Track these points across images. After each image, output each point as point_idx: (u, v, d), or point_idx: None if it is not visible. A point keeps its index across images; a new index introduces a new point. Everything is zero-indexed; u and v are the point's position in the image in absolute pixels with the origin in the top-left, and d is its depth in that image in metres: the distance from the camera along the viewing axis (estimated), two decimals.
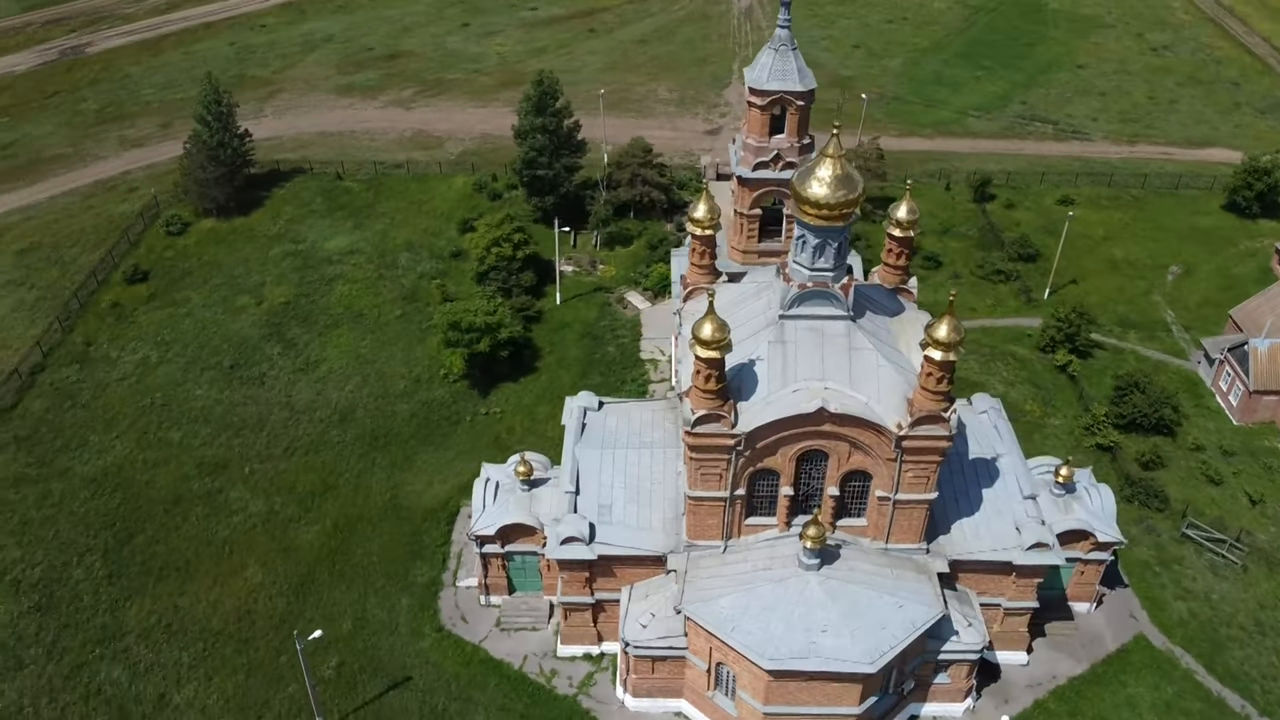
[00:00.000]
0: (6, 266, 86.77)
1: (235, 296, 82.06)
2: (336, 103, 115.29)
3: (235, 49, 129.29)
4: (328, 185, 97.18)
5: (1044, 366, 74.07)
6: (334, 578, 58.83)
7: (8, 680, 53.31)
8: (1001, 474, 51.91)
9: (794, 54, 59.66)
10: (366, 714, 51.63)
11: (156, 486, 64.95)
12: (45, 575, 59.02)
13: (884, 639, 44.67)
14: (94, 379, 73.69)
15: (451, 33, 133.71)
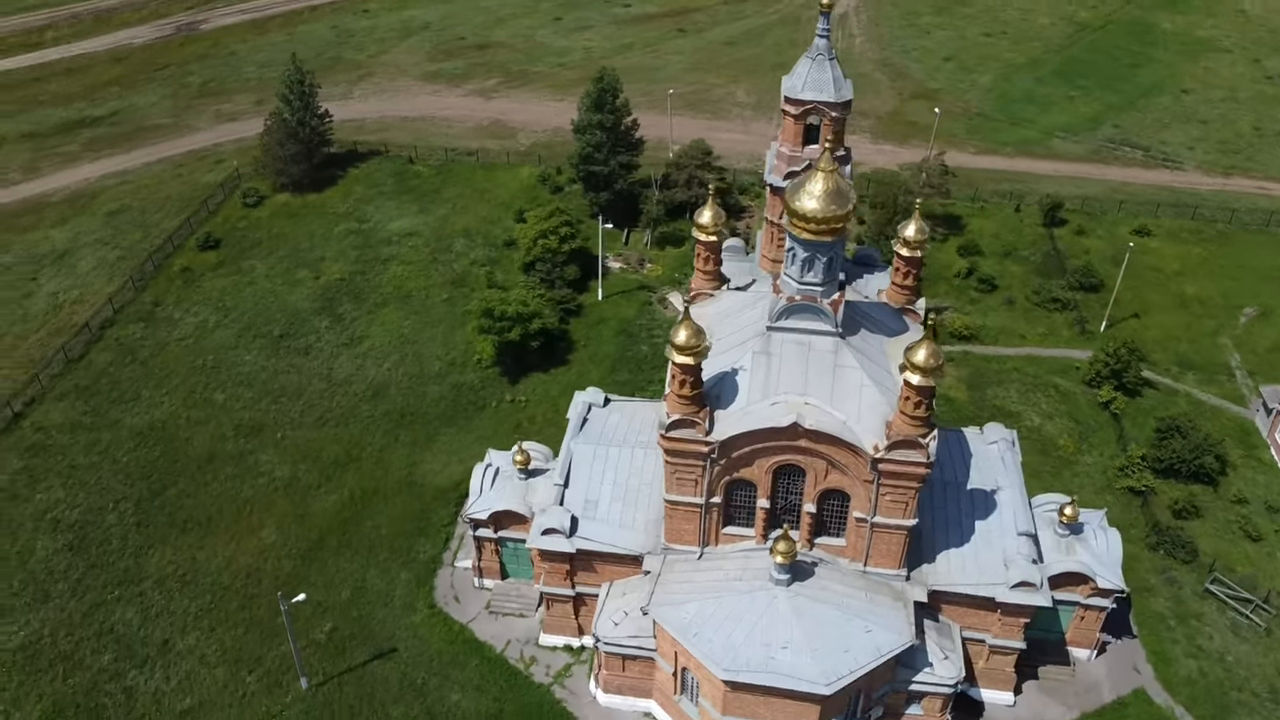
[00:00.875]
0: (96, 226, 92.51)
1: (295, 269, 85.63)
2: (422, 89, 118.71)
3: (335, 32, 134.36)
4: (399, 168, 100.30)
5: (1087, 401, 71.21)
6: (341, 546, 61.05)
7: (33, 611, 57.22)
8: (998, 507, 50.32)
9: (831, 64, 58.68)
10: (349, 679, 53.53)
11: (194, 444, 68.49)
12: (82, 517, 62.99)
13: (844, 662, 43.98)
14: (155, 338, 78.03)
15: (543, 26, 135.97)
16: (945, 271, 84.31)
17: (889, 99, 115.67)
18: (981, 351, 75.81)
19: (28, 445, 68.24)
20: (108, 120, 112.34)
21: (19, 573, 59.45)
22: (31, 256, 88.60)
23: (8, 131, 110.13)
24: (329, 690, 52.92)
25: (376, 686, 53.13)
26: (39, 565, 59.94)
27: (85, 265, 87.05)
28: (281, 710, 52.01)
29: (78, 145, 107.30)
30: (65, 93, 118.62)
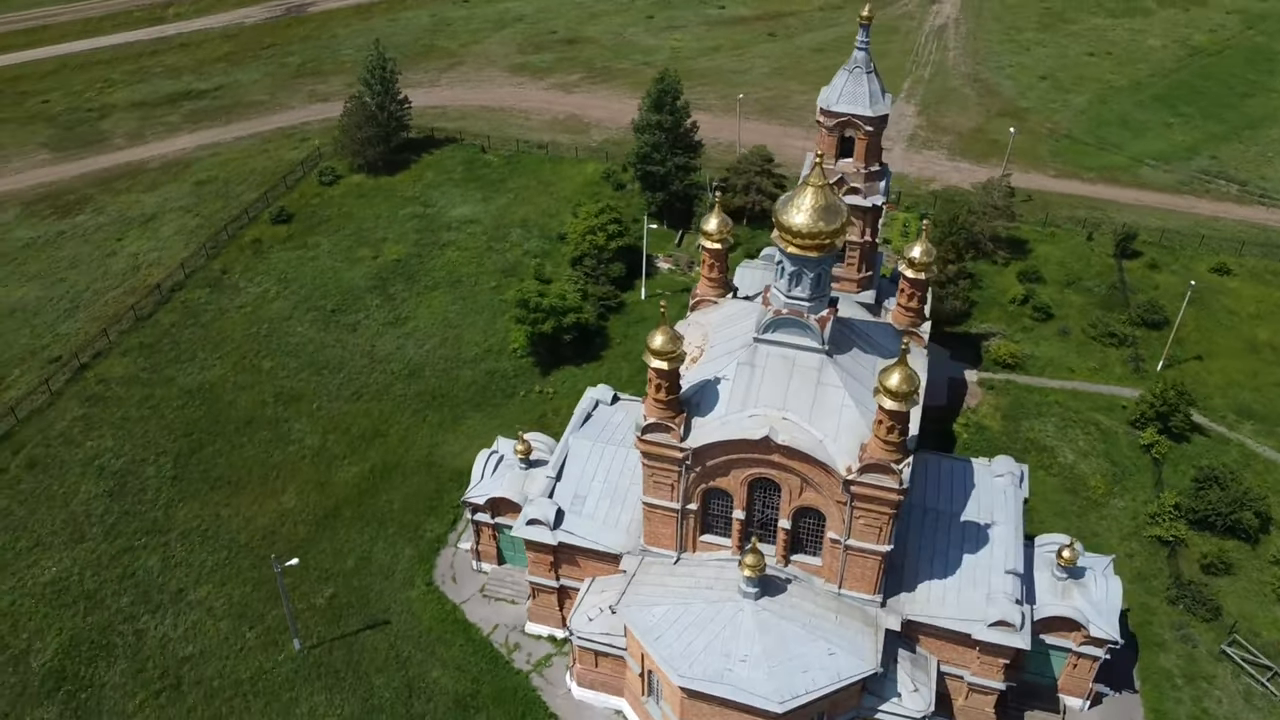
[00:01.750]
0: (183, 194, 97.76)
1: (357, 248, 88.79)
2: (506, 80, 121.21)
3: (434, 20, 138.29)
4: (471, 156, 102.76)
5: (1128, 442, 68.13)
6: (355, 517, 63.27)
7: (67, 550, 61.20)
8: (989, 542, 48.85)
9: (869, 77, 58.10)
10: (340, 645, 55.55)
11: (237, 407, 71.91)
12: (125, 466, 66.94)
13: (801, 682, 43.50)
14: (218, 304, 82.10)
15: (634, 24, 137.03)
16: (1000, 297, 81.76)
17: (974, 116, 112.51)
18: (1024, 381, 73.31)
19: (89, 395, 72.83)
20: (211, 94, 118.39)
21: (61, 513, 63.64)
22: (122, 218, 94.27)
23: (121, 100, 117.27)
24: (319, 653, 55.06)
25: (364, 655, 55.03)
26: (79, 507, 64.04)
27: (167, 230, 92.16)
28: (273, 667, 54.37)
29: (179, 116, 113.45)
30: (177, 66, 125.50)
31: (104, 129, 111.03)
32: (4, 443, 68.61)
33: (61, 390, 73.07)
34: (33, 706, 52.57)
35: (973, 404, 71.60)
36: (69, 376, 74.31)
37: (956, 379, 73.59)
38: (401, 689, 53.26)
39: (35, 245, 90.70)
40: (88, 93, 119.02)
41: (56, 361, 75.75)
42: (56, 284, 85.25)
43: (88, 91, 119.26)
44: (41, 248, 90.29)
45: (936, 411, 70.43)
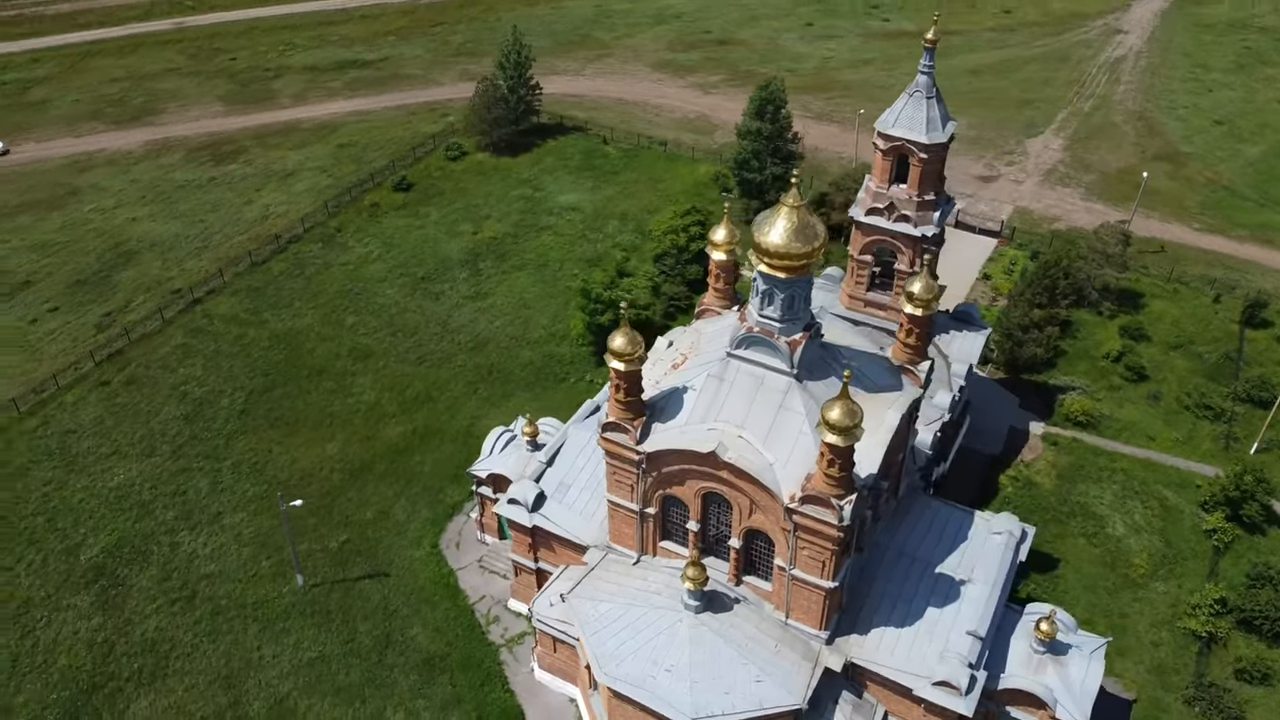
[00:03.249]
0: (323, 155, 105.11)
1: (461, 222, 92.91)
2: (648, 75, 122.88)
3: (596, 10, 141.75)
4: (592, 147, 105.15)
5: (1191, 525, 62.47)
6: (386, 472, 66.79)
7: (137, 461, 67.79)
8: (959, 599, 46.39)
9: (929, 103, 56.20)
10: (338, 588, 59.05)
11: (313, 355, 77.15)
12: (204, 395, 73.30)
13: (720, 703, 42.98)
14: (325, 259, 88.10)
15: (791, 30, 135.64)
16: (1094, 350, 76.43)
17: (1126, 155, 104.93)
18: (1093, 442, 68.41)
19: (193, 327, 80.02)
20: (374, 65, 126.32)
21: (142, 428, 70.48)
22: (266, 171, 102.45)
23: (294, 63, 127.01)
24: (319, 593, 58.78)
25: (357, 601, 58.31)
26: (158, 425, 70.72)
27: (300, 186, 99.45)
28: (276, 598, 58.51)
29: (341, 83, 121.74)
30: (351, 36, 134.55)
31: (274, 88, 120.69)
32: (114, 359, 76.57)
33: (172, 320, 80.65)
34: (71, 593, 58.87)
35: (1029, 458, 67.54)
36: (181, 308, 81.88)
37: (1019, 429, 69.58)
38: (380, 638, 56.17)
39: (188, 187, 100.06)
40: (270, 54, 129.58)
41: (176, 293, 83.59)
42: (195, 224, 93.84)
43: (270, 53, 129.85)
44: (193, 190, 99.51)
45: (986, 459, 67.15)
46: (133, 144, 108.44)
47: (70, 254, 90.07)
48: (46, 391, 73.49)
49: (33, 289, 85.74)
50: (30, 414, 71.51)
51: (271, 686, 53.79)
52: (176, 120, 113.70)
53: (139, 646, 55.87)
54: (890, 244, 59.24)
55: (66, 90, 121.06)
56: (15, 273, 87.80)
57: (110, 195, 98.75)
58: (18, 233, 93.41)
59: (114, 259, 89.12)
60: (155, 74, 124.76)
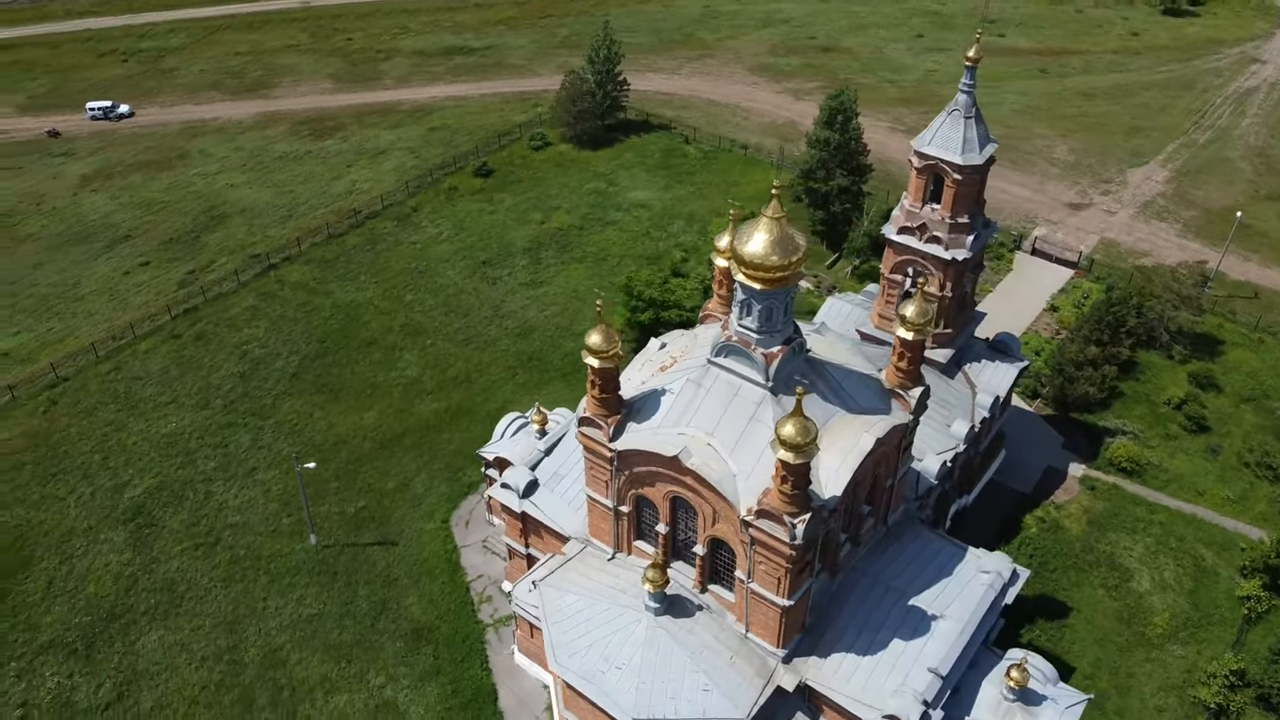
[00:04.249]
0: (414, 137, 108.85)
1: (531, 211, 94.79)
2: (744, 78, 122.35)
3: (705, 11, 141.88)
4: (673, 145, 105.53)
5: (1226, 589, 58.60)
6: (413, 446, 69.04)
7: (190, 412, 72.08)
8: (928, 634, 44.95)
9: (968, 123, 54.61)
10: (347, 551, 61.48)
11: (368, 328, 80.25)
12: (261, 355, 77.23)
13: (663, 707, 42.96)
14: (395, 236, 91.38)
15: (899, 40, 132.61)
16: (1156, 394, 72.39)
17: (1236, 193, 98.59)
18: (1134, 491, 64.90)
19: (264, 291, 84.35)
20: (479, 52, 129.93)
21: (201, 381, 74.85)
22: (358, 149, 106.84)
23: (405, 46, 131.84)
24: (328, 554, 61.35)
25: (362, 566, 60.60)
26: (215, 380, 74.95)
27: (388, 165, 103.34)
28: (289, 554, 61.38)
29: (445, 68, 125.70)
30: (463, 23, 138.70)
31: (381, 70, 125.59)
32: (188, 314, 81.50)
33: (247, 282, 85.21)
34: (109, 528, 63.18)
35: (1062, 499, 64.62)
36: (257, 272, 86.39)
37: (1057, 469, 66.61)
38: (377, 604, 58.27)
39: (286, 159, 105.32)
40: (384, 36, 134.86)
41: (255, 258, 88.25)
42: (285, 194, 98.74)
43: (384, 35, 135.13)
44: (289, 162, 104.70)
45: (1015, 496, 64.65)
46: (244, 114, 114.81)
47: (170, 213, 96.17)
48: (124, 339, 78.86)
49: (131, 243, 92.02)
50: (106, 359, 76.89)
51: (269, 636, 56.57)
52: (288, 95, 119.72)
53: (159, 584, 59.61)
54: (921, 265, 57.64)
55: (195, 60, 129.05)
56: (119, 227, 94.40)
57: (215, 161, 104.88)
58: (129, 190, 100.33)
59: (206, 221, 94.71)
60: (276, 50, 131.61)
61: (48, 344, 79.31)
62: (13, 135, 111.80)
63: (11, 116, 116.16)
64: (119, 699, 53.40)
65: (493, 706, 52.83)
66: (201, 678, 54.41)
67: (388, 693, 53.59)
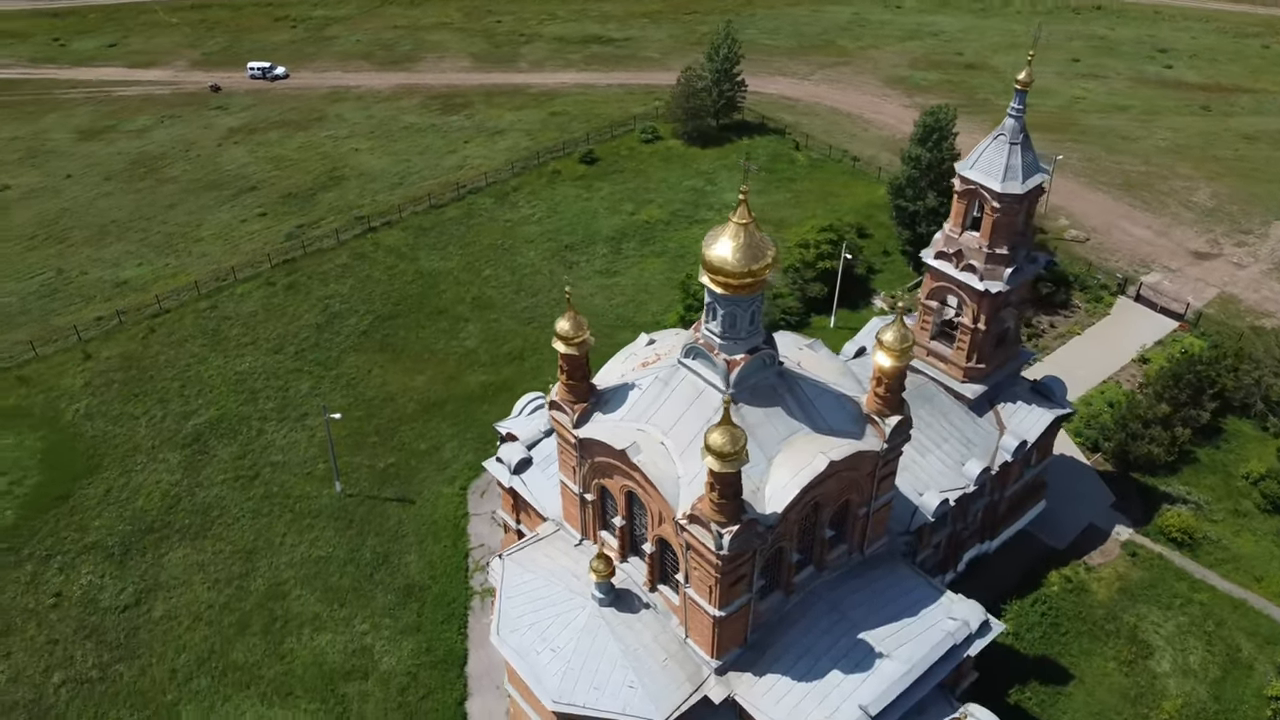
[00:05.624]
0: (533, 120, 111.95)
1: (624, 202, 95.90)
2: (875, 89, 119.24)
3: (853, 18, 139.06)
4: (782, 151, 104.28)
5: (1258, 686, 53.19)
6: (453, 413, 71.57)
7: (265, 355, 77.18)
8: (871, 672, 43.21)
9: (1013, 149, 51.85)
10: (367, 503, 64.53)
11: (442, 297, 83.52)
12: (339, 310, 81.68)
13: (585, 696, 43.19)
14: (490, 213, 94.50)
15: (1052, 63, 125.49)
16: (1235, 465, 66.37)
17: None
18: (1181, 565, 59.83)
19: (358, 251, 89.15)
20: (617, 43, 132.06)
21: (282, 328, 79.97)
22: (479, 127, 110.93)
23: (548, 32, 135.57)
24: (349, 502, 64.61)
25: (376, 519, 63.49)
26: (294, 327, 79.89)
27: (502, 145, 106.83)
28: (315, 497, 65.03)
29: (580, 56, 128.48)
30: (608, 14, 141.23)
31: (520, 53, 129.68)
32: (286, 265, 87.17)
33: (346, 241, 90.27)
34: (168, 450, 68.69)
35: (1096, 561, 60.37)
36: (356, 234, 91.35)
37: (1099, 529, 62.25)
38: (379, 556, 61.01)
39: (410, 130, 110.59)
40: (531, 21, 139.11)
41: (359, 219, 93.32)
42: (401, 163, 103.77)
43: (531, 20, 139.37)
44: (413, 133, 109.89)
45: (1045, 551, 60.98)
46: (384, 85, 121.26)
47: (295, 171, 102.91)
48: (226, 281, 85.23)
49: (255, 194, 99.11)
50: (206, 296, 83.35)
51: (277, 570, 60.26)
52: (428, 70, 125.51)
53: (197, 506, 64.45)
54: (955, 292, 55.12)
55: (354, 30, 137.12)
56: (249, 178, 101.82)
57: (347, 126, 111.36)
58: (265, 145, 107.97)
59: (325, 181, 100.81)
60: (429, 26, 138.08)
61: (162, 277, 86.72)
62: (182, 87, 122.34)
63: (185, 70, 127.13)
64: (136, 604, 58.29)
65: (459, 670, 54.51)
66: (210, 598, 58.62)
67: (368, 640, 56.18)
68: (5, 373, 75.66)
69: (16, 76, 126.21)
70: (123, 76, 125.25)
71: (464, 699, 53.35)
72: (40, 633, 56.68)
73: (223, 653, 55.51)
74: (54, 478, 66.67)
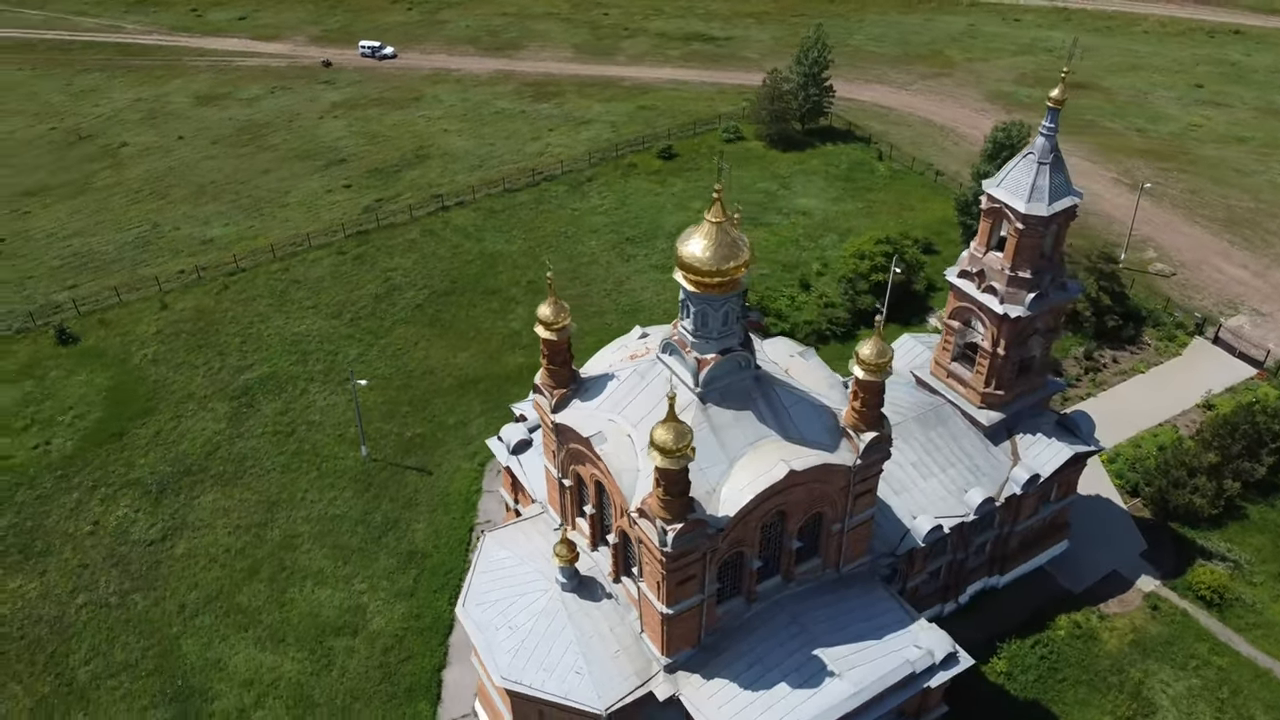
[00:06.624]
0: (621, 112, 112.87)
1: (695, 199, 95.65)
2: (975, 103, 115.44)
3: (966, 29, 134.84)
4: (863, 159, 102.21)
5: None
6: (486, 391, 73.11)
7: (323, 320, 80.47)
8: (817, 689, 42.33)
9: (1041, 169, 49.94)
10: (388, 469, 66.69)
11: (498, 278, 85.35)
12: (400, 283, 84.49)
13: (532, 677, 43.75)
14: (560, 201, 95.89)
15: (1173, 88, 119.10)
16: None
17: None
18: (1206, 625, 56.15)
19: (428, 228, 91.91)
20: (718, 42, 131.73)
21: (344, 295, 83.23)
22: (566, 116, 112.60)
23: (651, 27, 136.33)
24: (373, 467, 66.94)
25: (394, 486, 65.55)
26: (355, 296, 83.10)
27: (585, 135, 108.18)
28: (341, 458, 67.62)
29: (680, 53, 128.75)
30: (714, 12, 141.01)
31: (621, 46, 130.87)
32: (359, 236, 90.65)
33: (418, 218, 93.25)
34: (219, 400, 72.57)
35: (1112, 610, 57.31)
36: (430, 211, 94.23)
37: (1122, 576, 59.05)
38: (389, 520, 63.06)
39: (501, 115, 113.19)
40: (637, 16, 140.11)
41: (435, 197, 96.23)
42: (485, 146, 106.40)
43: (638, 14, 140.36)
44: (502, 118, 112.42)
45: (1060, 593, 58.33)
46: (483, 70, 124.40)
47: (385, 147, 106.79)
48: (301, 247, 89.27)
49: (343, 166, 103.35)
50: (279, 259, 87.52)
51: (294, 524, 63.00)
52: (528, 58, 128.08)
53: (234, 455, 67.96)
54: (977, 315, 53.18)
55: (465, 16, 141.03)
56: (340, 150, 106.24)
57: (441, 107, 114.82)
58: (363, 121, 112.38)
59: (411, 159, 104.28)
60: (538, 15, 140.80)
61: (244, 238, 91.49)
62: (297, 60, 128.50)
63: (302, 45, 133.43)
64: (162, 539, 61.98)
65: (443, 639, 55.90)
66: (228, 542, 61.80)
67: (363, 599, 58.22)
68: (90, 315, 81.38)
69: (153, 43, 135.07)
70: (245, 48, 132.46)
71: (442, 667, 54.72)
72: (74, 556, 60.97)
73: (229, 594, 58.55)
74: (113, 415, 71.44)
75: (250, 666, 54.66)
